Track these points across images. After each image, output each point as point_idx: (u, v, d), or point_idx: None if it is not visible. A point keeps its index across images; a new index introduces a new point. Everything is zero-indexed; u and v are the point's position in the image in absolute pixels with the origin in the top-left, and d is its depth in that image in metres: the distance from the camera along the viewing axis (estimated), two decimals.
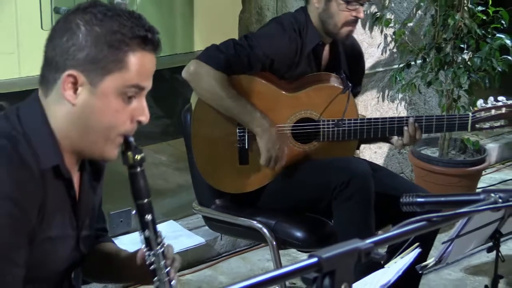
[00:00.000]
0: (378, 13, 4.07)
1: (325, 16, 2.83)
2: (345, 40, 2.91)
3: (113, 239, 3.73)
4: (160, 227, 4.11)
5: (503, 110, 2.78)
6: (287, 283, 3.08)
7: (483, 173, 4.33)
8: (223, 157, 2.86)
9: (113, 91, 1.62)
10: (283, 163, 2.78)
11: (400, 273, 1.69)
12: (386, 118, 2.84)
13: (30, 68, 4.30)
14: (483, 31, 3.91)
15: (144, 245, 1.75)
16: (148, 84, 1.68)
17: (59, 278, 1.75)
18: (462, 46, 3.94)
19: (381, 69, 4.26)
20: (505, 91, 3.46)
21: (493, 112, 2.78)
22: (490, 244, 2.25)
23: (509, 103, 2.79)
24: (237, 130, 2.83)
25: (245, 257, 3.75)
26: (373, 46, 4.19)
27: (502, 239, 2.24)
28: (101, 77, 1.60)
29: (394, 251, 1.81)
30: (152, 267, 1.74)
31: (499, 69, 3.87)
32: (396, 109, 4.37)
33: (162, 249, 1.76)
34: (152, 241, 1.74)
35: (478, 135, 5.05)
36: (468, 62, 3.92)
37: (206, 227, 3.16)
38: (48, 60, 1.64)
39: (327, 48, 2.95)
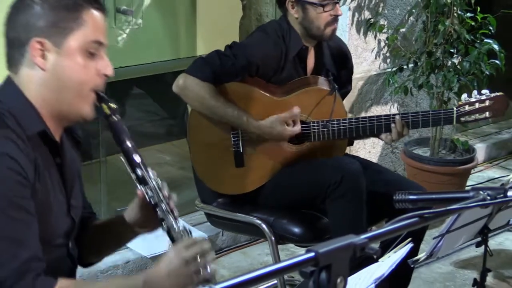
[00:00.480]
0: (372, 19, 4.06)
1: (306, 23, 2.82)
2: (331, 39, 2.90)
3: None
4: None
5: (487, 103, 2.78)
6: (285, 276, 3.08)
7: (472, 171, 4.33)
8: (220, 161, 2.86)
9: (77, 49, 1.67)
10: (297, 129, 2.78)
11: (393, 267, 1.69)
12: (373, 116, 2.82)
13: None
14: (472, 37, 3.91)
15: (139, 185, 1.78)
16: (105, 40, 1.73)
17: (57, 244, 1.75)
18: (452, 50, 3.94)
19: (374, 72, 4.26)
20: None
21: (477, 105, 2.78)
22: (479, 239, 2.25)
23: (492, 96, 2.78)
24: (231, 135, 2.83)
25: (245, 252, 3.75)
26: (367, 50, 4.19)
27: (490, 235, 2.24)
28: (64, 37, 1.67)
29: (387, 246, 1.81)
30: (152, 202, 1.77)
31: (487, 73, 3.87)
32: (389, 110, 4.37)
33: (157, 184, 1.78)
34: (146, 177, 1.77)
35: (467, 135, 5.06)
36: (458, 66, 3.92)
37: (208, 223, 3.16)
38: (11, 41, 1.69)
39: (312, 51, 2.94)
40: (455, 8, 3.88)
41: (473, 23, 3.90)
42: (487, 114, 2.78)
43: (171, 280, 1.65)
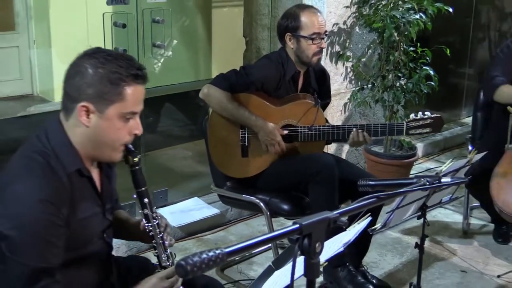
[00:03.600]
0: (341, 52, 4.06)
1: (299, 52, 2.82)
2: (316, 66, 2.90)
3: None
4: (187, 202, 4.08)
5: (428, 121, 2.77)
6: (277, 241, 3.07)
7: (414, 164, 4.32)
8: (230, 152, 2.84)
9: (116, 116, 1.59)
10: (279, 147, 2.77)
11: (357, 234, 1.68)
12: (345, 125, 2.82)
13: None
14: (414, 65, 3.91)
15: (144, 220, 1.76)
16: (139, 108, 1.64)
17: (95, 240, 1.72)
18: (399, 75, 3.94)
19: (343, 91, 4.25)
20: (429, 106, 3.48)
21: (421, 122, 2.77)
22: (420, 213, 2.24)
23: (432, 116, 2.78)
24: (240, 132, 2.82)
25: (248, 223, 3.73)
26: (337, 74, 4.18)
27: (428, 210, 2.24)
28: (106, 106, 1.58)
29: (352, 219, 1.80)
30: (150, 234, 1.75)
31: (425, 91, 3.88)
32: (353, 119, 4.35)
33: (157, 221, 1.75)
34: (150, 217, 1.75)
35: (411, 137, 5.04)
36: (404, 86, 3.92)
37: (220, 202, 3.15)
38: (67, 93, 1.61)
39: (302, 75, 2.93)
40: (401, 43, 3.88)
41: (414, 55, 3.90)
42: (428, 129, 2.78)
43: None
